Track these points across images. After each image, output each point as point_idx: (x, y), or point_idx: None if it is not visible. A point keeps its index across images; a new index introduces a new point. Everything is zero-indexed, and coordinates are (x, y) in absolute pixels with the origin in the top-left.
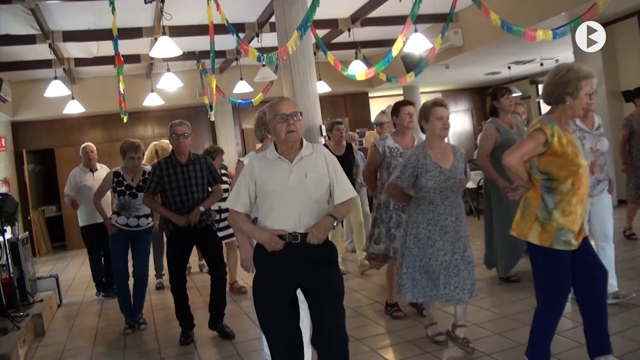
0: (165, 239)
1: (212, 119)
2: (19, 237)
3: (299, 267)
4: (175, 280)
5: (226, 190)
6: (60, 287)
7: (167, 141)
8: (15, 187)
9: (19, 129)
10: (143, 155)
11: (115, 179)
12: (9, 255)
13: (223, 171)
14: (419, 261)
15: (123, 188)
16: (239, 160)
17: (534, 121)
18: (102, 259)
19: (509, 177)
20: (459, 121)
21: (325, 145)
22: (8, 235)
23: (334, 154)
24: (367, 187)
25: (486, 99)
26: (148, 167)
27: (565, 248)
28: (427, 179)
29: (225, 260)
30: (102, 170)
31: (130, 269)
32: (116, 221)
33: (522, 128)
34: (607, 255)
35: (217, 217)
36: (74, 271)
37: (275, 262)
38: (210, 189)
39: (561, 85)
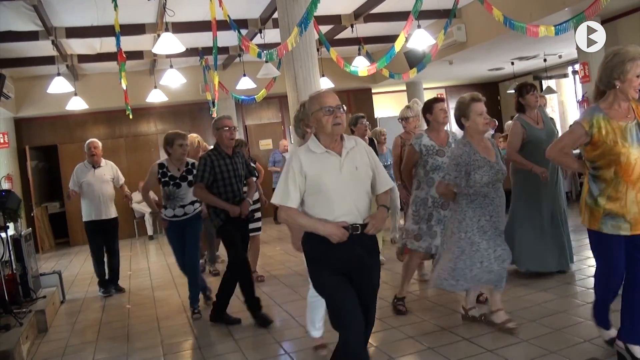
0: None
1: (215, 115)
2: (22, 233)
3: (358, 257)
4: (237, 266)
5: None
6: (63, 283)
7: (195, 134)
8: (19, 184)
9: (22, 126)
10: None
11: (160, 170)
12: (12, 252)
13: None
14: (493, 252)
15: (167, 179)
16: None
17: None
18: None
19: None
20: None
21: None
22: (11, 232)
23: None
24: (405, 184)
25: (513, 95)
26: (190, 159)
27: (614, 232)
28: (481, 175)
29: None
30: (106, 167)
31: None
32: (165, 215)
33: (548, 122)
34: None
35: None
36: (77, 267)
37: (336, 252)
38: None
39: (608, 70)
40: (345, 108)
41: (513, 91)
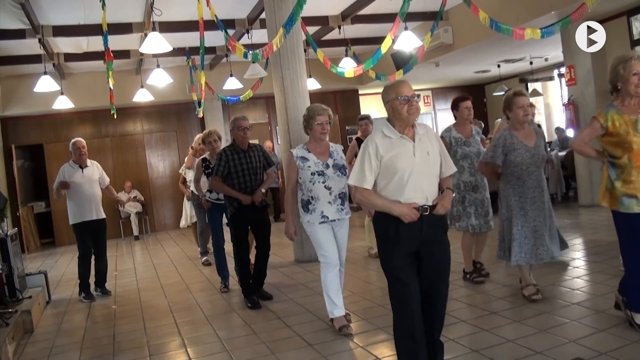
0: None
1: (200, 115)
2: (8, 233)
3: (428, 236)
4: (241, 251)
5: None
6: (49, 283)
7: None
8: (4, 183)
9: (8, 125)
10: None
11: (204, 164)
12: None
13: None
14: (516, 227)
15: (210, 170)
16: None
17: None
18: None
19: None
20: (449, 119)
21: (357, 138)
22: None
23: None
24: None
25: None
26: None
27: (629, 211)
28: (516, 156)
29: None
30: (92, 167)
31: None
32: (209, 197)
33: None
34: None
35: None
36: (63, 267)
37: (408, 230)
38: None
39: (611, 75)
40: (419, 97)
41: (502, 93)
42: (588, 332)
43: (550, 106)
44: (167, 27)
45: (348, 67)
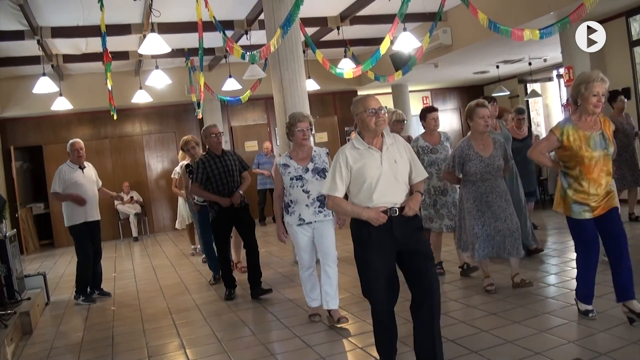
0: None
1: (200, 116)
2: (7, 234)
3: (400, 235)
4: (222, 250)
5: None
6: (47, 285)
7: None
8: (3, 185)
9: (7, 126)
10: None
11: (188, 170)
12: None
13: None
14: (473, 227)
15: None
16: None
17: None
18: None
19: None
20: (448, 120)
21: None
22: None
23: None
24: None
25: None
26: None
27: (580, 217)
28: (470, 166)
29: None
30: (89, 168)
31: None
32: (197, 200)
33: (503, 129)
34: None
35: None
36: (62, 269)
37: (379, 233)
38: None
39: (573, 91)
40: (386, 109)
41: (501, 94)
42: (587, 333)
43: (549, 107)
44: (166, 28)
45: (347, 68)
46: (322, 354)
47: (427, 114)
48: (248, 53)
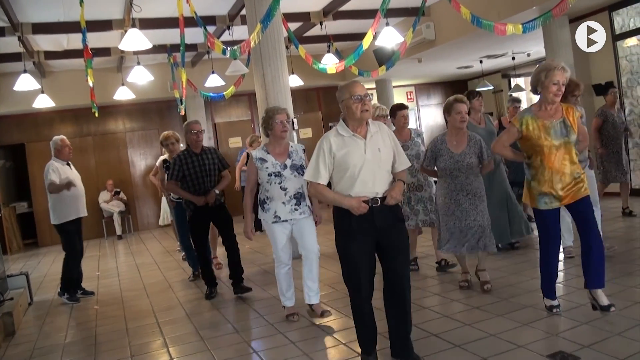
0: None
1: (182, 113)
2: None
3: (381, 225)
4: (200, 249)
5: None
6: (30, 284)
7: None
8: None
9: None
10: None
11: (165, 165)
12: None
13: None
14: (446, 224)
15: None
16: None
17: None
18: None
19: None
20: (432, 115)
21: None
22: None
23: None
24: None
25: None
26: None
27: (547, 208)
28: (440, 161)
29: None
30: (72, 165)
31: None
32: (173, 197)
33: (489, 123)
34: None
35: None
36: (45, 268)
37: (360, 223)
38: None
39: (533, 80)
40: (372, 96)
41: (485, 88)
42: (570, 325)
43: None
44: (147, 24)
45: (330, 63)
46: (305, 350)
47: (397, 111)
48: (229, 48)
